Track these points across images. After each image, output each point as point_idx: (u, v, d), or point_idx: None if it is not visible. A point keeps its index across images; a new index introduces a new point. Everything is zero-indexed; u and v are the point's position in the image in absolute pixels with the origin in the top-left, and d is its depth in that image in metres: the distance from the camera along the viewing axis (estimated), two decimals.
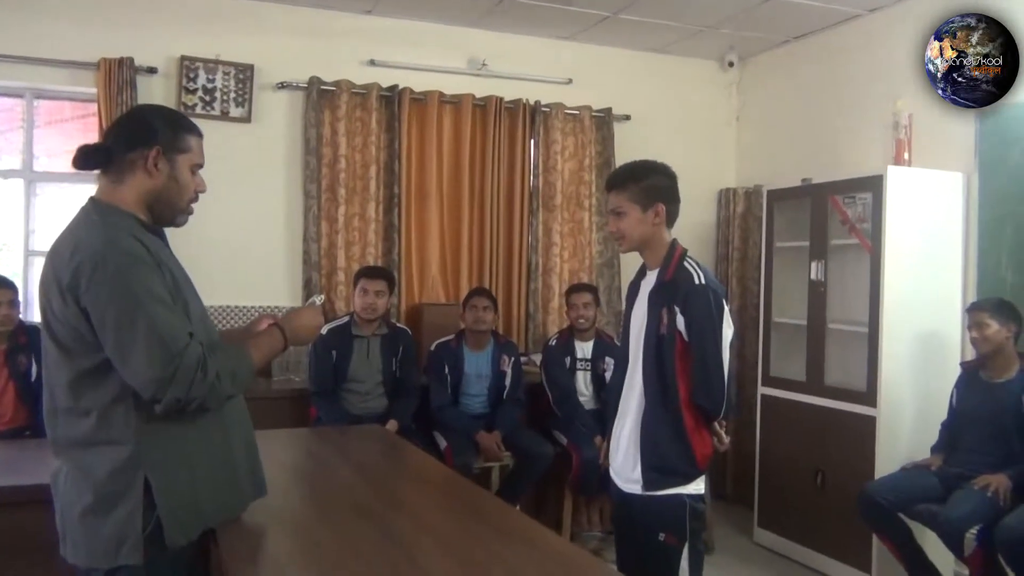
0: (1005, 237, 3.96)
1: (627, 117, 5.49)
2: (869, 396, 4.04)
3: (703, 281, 2.40)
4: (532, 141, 5.27)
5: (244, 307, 4.68)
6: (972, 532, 3.30)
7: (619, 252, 5.21)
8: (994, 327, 3.54)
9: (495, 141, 5.13)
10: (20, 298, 3.87)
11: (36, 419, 3.57)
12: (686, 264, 2.44)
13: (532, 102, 5.21)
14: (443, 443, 4.29)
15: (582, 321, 4.54)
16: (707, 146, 5.72)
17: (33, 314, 4.15)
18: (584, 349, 4.59)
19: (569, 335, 4.62)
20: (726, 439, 2.51)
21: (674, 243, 2.50)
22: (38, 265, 4.33)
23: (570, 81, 5.38)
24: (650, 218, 2.46)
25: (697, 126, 5.70)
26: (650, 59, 5.60)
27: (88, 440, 1.82)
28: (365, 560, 1.91)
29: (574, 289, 4.70)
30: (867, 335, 4.07)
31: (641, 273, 2.59)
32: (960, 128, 4.09)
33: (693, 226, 5.41)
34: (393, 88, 4.92)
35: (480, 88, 5.14)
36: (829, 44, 5.03)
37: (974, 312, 3.64)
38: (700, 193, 5.53)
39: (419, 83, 4.99)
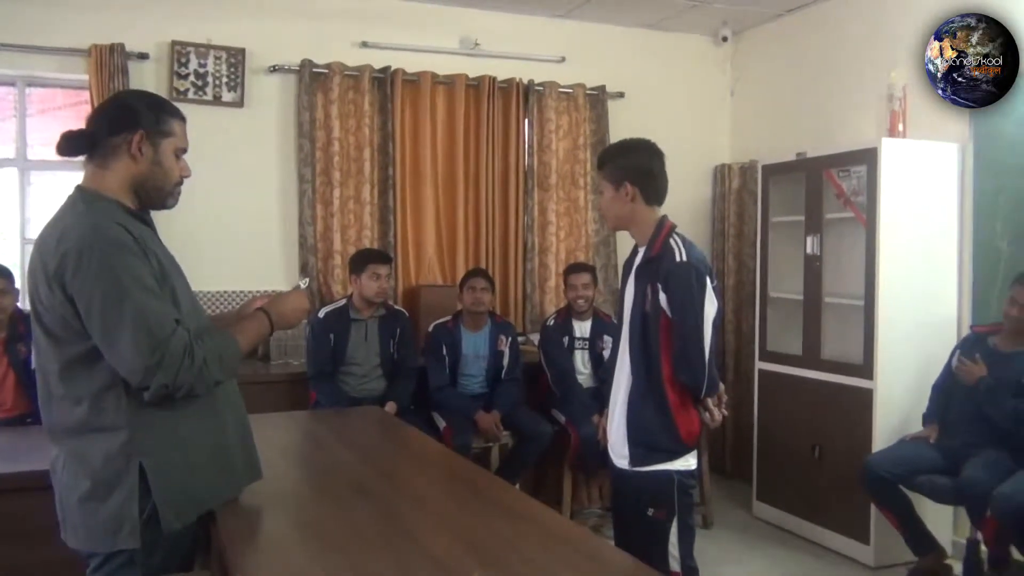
0: (1000, 208, 3.96)
1: (621, 94, 5.46)
2: (866, 369, 4.05)
3: (684, 258, 2.40)
4: (526, 120, 5.25)
5: (241, 292, 4.69)
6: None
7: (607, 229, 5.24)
8: None
9: (489, 121, 5.11)
10: (17, 286, 3.88)
11: (37, 406, 3.57)
12: (671, 241, 2.45)
13: (525, 81, 5.20)
14: (442, 424, 4.31)
15: (581, 302, 4.53)
16: (702, 122, 5.71)
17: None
18: (582, 328, 4.60)
19: (567, 314, 4.63)
20: (717, 415, 2.50)
21: (662, 220, 2.50)
22: None
23: (563, 59, 5.35)
24: (622, 197, 2.47)
25: (692, 102, 5.68)
26: (644, 35, 5.58)
27: (82, 427, 1.83)
28: (364, 539, 1.92)
29: (573, 269, 4.69)
30: (863, 308, 4.08)
31: (634, 251, 2.60)
32: None
33: (689, 202, 5.41)
34: (385, 69, 4.90)
35: (473, 68, 5.12)
36: (823, 16, 5.00)
37: (1022, 291, 3.52)
38: (696, 169, 5.52)
39: (411, 64, 4.97)
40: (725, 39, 5.54)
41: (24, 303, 3.94)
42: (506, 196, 5.20)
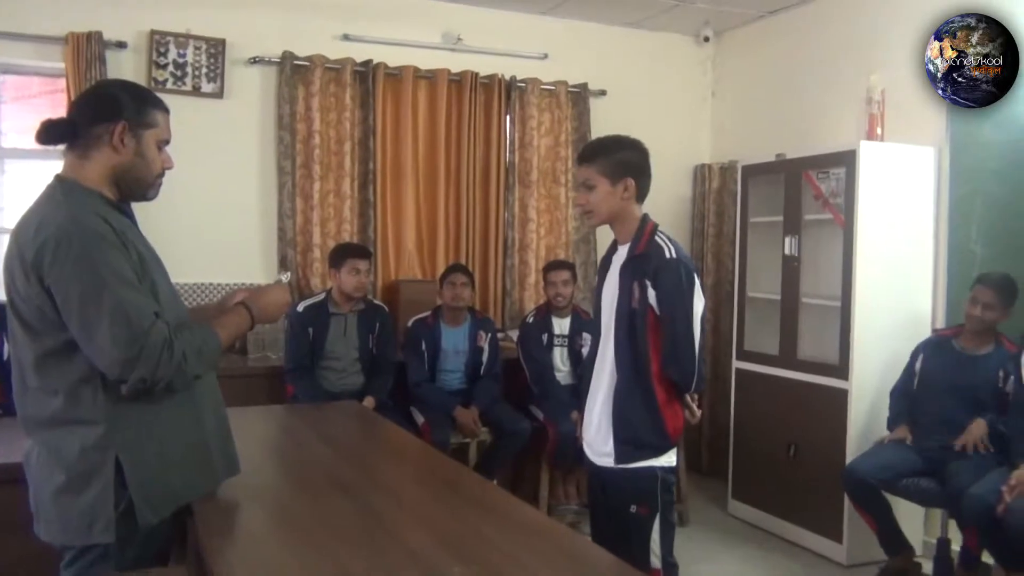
0: (975, 212, 4.00)
1: (603, 92, 5.47)
2: (841, 369, 4.09)
3: (674, 255, 2.41)
4: (508, 117, 5.24)
5: (219, 284, 4.64)
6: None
7: (588, 226, 5.23)
8: (995, 313, 3.56)
9: (471, 117, 5.10)
10: None
11: (8, 398, 3.53)
12: (657, 239, 2.45)
13: (508, 77, 5.19)
14: (420, 419, 4.31)
15: (560, 299, 4.55)
16: (683, 121, 5.73)
17: (2, 293, 4.09)
18: (561, 325, 4.61)
19: (547, 311, 4.63)
20: (698, 412, 2.55)
21: (645, 218, 2.51)
22: (6, 243, 4.28)
23: (546, 56, 5.35)
24: (619, 192, 2.46)
25: (673, 101, 5.70)
26: (626, 34, 5.58)
27: (57, 419, 1.81)
28: (341, 533, 1.92)
29: (552, 266, 4.70)
30: (840, 309, 4.12)
31: (612, 248, 2.60)
32: (932, 103, 4.11)
33: (669, 201, 5.43)
34: (367, 63, 4.88)
35: (455, 63, 5.11)
36: (803, 19, 5.03)
37: (983, 290, 3.59)
38: (676, 168, 5.54)
39: (393, 58, 4.95)
40: (707, 39, 5.57)
41: None
42: (487, 192, 5.20)
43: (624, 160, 2.47)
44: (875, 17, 4.49)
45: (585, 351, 4.45)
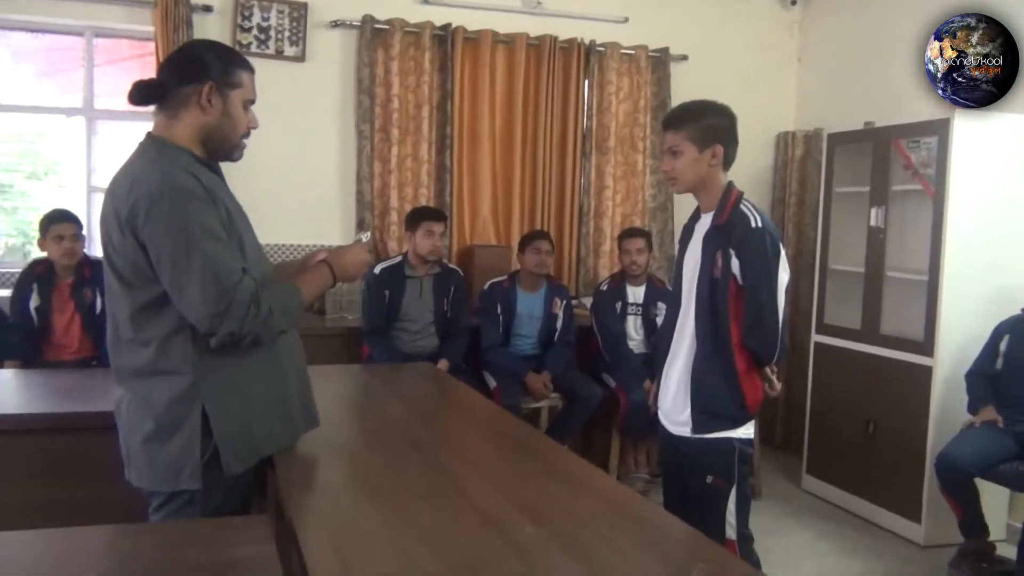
0: None
1: (684, 57, 5.36)
2: (926, 346, 3.96)
3: (760, 224, 2.36)
4: (586, 82, 5.18)
5: (297, 245, 4.74)
6: None
7: (673, 193, 5.15)
8: None
9: (549, 81, 5.06)
10: (84, 232, 3.98)
11: (101, 350, 3.71)
12: (742, 207, 2.40)
13: (587, 41, 5.12)
14: (492, 383, 4.34)
15: (635, 267, 4.50)
16: (766, 88, 5.58)
17: (96, 249, 4.26)
18: (636, 294, 4.57)
19: (621, 280, 4.60)
20: (778, 384, 2.51)
21: (730, 185, 2.46)
22: (100, 201, 4.43)
23: (626, 20, 5.26)
24: (706, 159, 2.41)
25: (757, 67, 5.55)
26: None
27: (148, 369, 1.88)
28: (415, 489, 1.95)
29: (627, 234, 4.65)
30: (926, 284, 3.98)
31: (695, 216, 2.56)
32: None
33: (750, 169, 5.28)
34: (446, 27, 4.87)
35: (534, 27, 5.06)
36: None
37: None
38: (758, 136, 5.40)
39: (472, 22, 4.93)
40: (794, 3, 5.40)
41: (90, 249, 4.05)
42: (563, 158, 5.16)
43: (713, 126, 2.42)
44: None
45: (659, 320, 4.42)
